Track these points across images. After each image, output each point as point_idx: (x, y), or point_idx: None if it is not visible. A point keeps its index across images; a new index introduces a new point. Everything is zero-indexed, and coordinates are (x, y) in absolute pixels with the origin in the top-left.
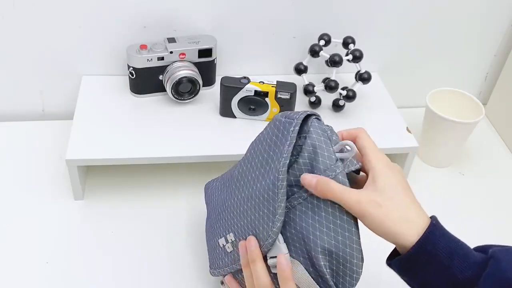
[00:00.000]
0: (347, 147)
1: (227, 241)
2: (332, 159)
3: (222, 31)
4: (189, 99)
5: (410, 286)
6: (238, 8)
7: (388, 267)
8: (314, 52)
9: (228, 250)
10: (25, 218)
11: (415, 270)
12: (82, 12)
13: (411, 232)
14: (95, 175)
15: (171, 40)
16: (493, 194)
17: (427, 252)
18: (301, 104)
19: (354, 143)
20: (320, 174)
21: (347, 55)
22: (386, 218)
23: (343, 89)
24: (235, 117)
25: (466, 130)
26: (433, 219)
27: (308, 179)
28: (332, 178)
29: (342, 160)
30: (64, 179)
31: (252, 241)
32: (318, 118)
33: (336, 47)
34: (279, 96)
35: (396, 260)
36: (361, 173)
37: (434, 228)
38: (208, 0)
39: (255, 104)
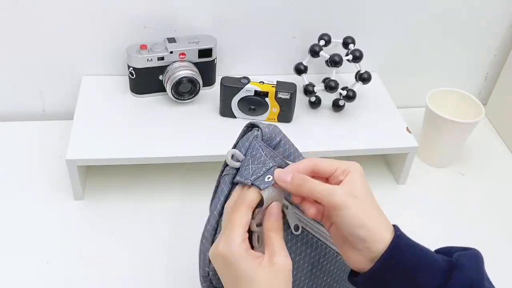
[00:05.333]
0: None
1: None
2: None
3: (222, 31)
4: (189, 99)
5: None
6: (238, 8)
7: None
8: (314, 52)
9: None
10: (25, 218)
11: (381, 283)
12: (82, 12)
13: (382, 230)
14: (95, 175)
15: (171, 40)
16: (493, 194)
17: (392, 267)
18: (301, 104)
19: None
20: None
21: (347, 55)
22: (361, 210)
23: (343, 89)
24: (235, 117)
25: (466, 130)
26: (396, 229)
27: (282, 175)
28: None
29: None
30: (64, 179)
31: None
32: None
33: (336, 47)
34: (279, 96)
35: (361, 276)
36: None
37: (399, 240)
38: (208, 0)
39: (255, 104)
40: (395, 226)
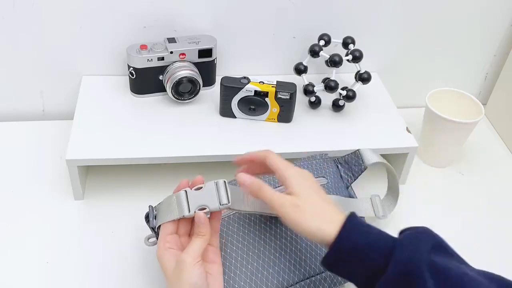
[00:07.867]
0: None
1: None
2: None
3: (222, 31)
4: (189, 99)
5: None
6: (238, 8)
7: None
8: (314, 52)
9: None
10: (25, 218)
11: (340, 263)
12: (82, 12)
13: (330, 228)
14: (95, 175)
15: (171, 40)
16: (492, 194)
17: (345, 248)
18: (301, 104)
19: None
20: None
21: (347, 55)
22: (302, 218)
23: (343, 89)
24: (235, 117)
25: (465, 130)
26: (350, 216)
27: (243, 178)
28: None
29: None
30: (64, 179)
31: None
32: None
33: (336, 47)
34: (279, 96)
35: (322, 260)
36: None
37: (349, 222)
38: (208, 0)
39: (255, 104)
40: (351, 213)
